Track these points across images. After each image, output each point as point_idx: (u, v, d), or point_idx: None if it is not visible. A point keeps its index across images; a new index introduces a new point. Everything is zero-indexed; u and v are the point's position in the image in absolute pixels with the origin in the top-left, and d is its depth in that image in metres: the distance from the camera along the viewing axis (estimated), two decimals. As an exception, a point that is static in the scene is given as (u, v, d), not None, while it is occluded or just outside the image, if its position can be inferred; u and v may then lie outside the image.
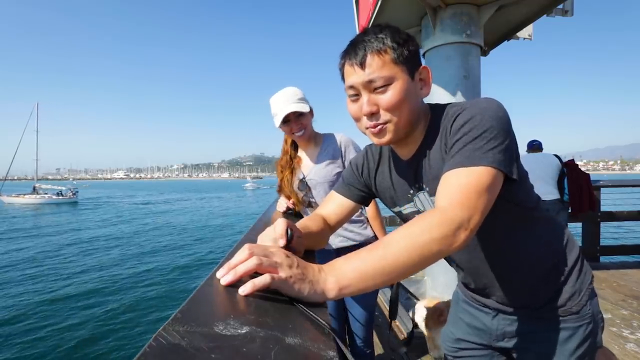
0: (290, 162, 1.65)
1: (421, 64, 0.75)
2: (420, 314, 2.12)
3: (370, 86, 0.70)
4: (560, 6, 2.93)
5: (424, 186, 0.78)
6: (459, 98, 2.58)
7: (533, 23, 3.05)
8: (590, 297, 0.83)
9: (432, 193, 0.76)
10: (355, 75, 0.71)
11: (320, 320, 0.47)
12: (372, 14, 2.84)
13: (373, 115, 0.71)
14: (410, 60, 0.71)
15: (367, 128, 0.74)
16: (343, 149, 1.59)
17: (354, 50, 0.71)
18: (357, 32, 3.59)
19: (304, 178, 1.60)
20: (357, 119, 0.76)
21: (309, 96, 1.61)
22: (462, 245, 0.56)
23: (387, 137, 0.73)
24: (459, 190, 0.60)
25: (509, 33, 3.20)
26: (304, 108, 1.49)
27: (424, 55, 2.81)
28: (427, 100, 0.81)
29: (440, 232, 0.54)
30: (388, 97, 0.69)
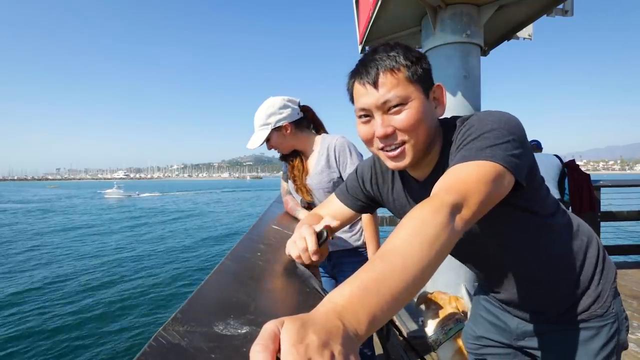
0: (294, 168, 1.62)
1: (434, 83, 0.71)
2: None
3: (385, 107, 0.66)
4: (560, 6, 2.93)
5: None
6: (459, 98, 2.57)
7: (533, 23, 3.05)
8: (614, 296, 0.81)
9: None
10: (367, 96, 0.67)
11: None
12: (372, 14, 2.84)
13: (388, 137, 0.67)
14: (424, 79, 0.67)
15: (381, 150, 0.70)
16: (337, 154, 1.52)
17: (365, 69, 0.67)
18: (358, 31, 3.58)
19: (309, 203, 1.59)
20: (368, 141, 0.71)
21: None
22: (458, 232, 0.49)
23: (405, 161, 0.69)
24: (455, 179, 0.54)
25: (509, 33, 3.20)
26: (256, 141, 1.49)
27: (424, 55, 2.80)
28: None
29: (435, 218, 0.47)
30: (404, 117, 0.65)
